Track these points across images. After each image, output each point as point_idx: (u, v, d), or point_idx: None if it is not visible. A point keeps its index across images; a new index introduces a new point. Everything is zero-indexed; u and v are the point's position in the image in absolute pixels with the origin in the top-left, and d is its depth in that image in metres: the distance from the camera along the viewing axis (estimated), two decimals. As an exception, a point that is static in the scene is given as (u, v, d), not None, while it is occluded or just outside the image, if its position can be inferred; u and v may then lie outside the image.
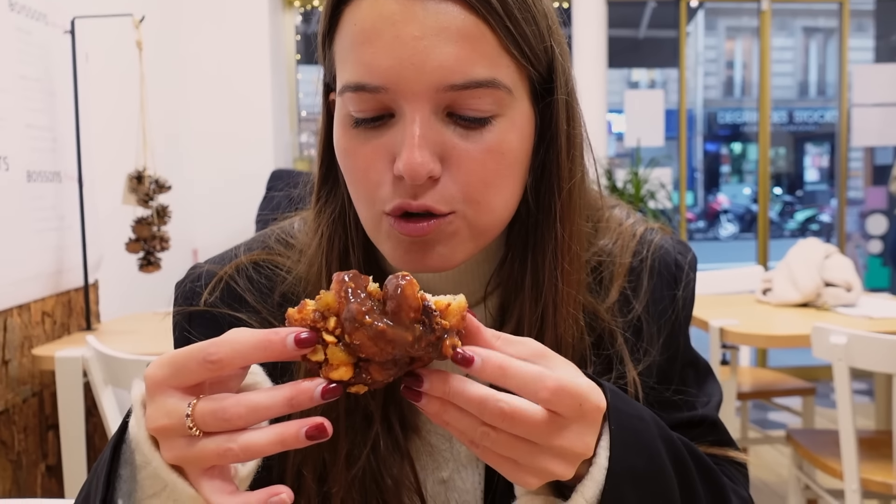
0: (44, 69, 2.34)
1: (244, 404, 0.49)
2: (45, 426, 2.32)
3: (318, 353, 0.50)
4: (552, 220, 0.67)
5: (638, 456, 0.57)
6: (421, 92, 0.58)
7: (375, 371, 0.50)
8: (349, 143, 0.63)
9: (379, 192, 0.62)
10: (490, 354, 0.51)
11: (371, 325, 0.48)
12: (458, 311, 0.50)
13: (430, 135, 0.59)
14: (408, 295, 0.49)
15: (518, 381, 0.51)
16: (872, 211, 5.06)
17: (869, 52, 8.87)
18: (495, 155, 0.61)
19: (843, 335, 1.93)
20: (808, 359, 4.77)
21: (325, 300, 0.50)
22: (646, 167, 4.37)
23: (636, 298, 0.74)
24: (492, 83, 0.59)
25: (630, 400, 0.61)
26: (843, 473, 2.00)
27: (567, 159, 0.67)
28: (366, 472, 0.67)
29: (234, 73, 3.91)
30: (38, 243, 2.29)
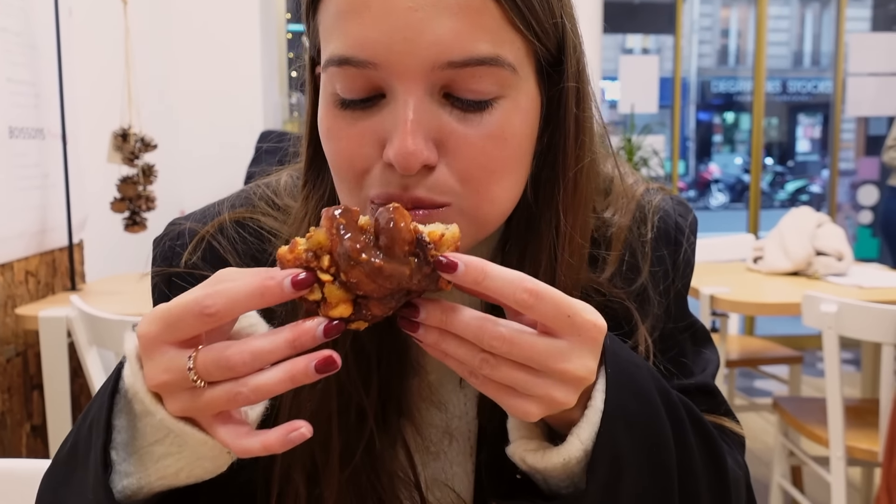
0: (25, 22, 2.27)
1: (247, 351, 0.47)
2: (30, 386, 2.30)
3: (315, 293, 0.48)
4: (553, 211, 0.62)
5: (633, 400, 0.56)
6: (414, 70, 0.53)
7: (374, 306, 0.48)
8: (334, 123, 0.57)
9: (365, 178, 0.57)
10: (471, 259, 0.48)
11: (367, 262, 0.46)
12: (452, 242, 0.49)
13: (424, 119, 0.54)
14: (401, 228, 0.47)
15: (497, 283, 0.48)
16: (864, 181, 5.06)
17: (865, 22, 8.82)
18: (497, 141, 0.56)
19: (834, 304, 1.93)
20: (795, 328, 4.80)
21: (317, 238, 0.48)
22: (639, 134, 4.34)
23: (639, 264, 0.71)
24: (495, 61, 0.53)
25: (627, 347, 0.59)
26: (829, 441, 2.02)
27: (575, 145, 0.61)
28: (360, 472, 0.64)
29: (223, 31, 3.83)
30: (21, 202, 2.24)
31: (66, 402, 2.04)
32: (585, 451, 0.55)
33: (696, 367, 0.76)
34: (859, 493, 2.65)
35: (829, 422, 2.00)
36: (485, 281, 0.48)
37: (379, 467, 0.65)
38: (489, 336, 0.48)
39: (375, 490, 0.65)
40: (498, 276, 0.48)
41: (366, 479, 0.64)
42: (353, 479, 0.64)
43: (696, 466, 0.61)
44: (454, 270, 0.48)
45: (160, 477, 0.55)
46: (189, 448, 0.53)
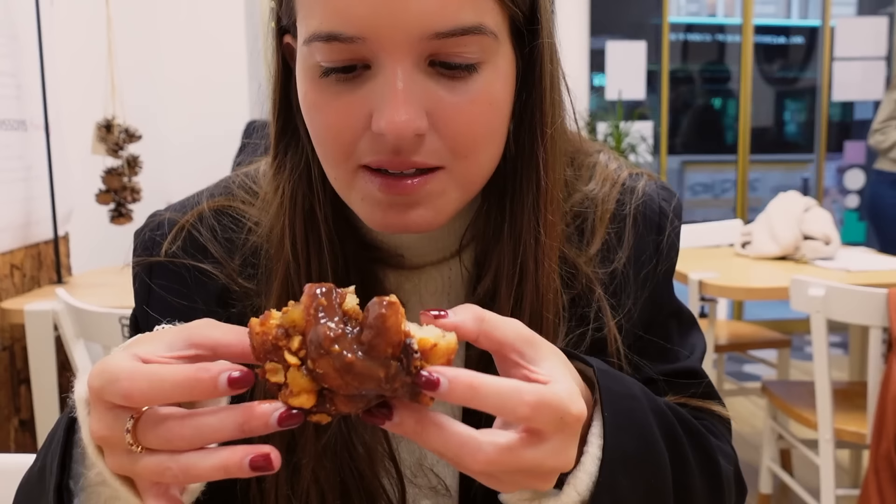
0: (5, 12, 2.24)
1: (189, 425, 0.44)
2: (17, 380, 2.28)
3: (277, 374, 0.43)
4: (534, 168, 0.63)
5: (631, 438, 0.55)
6: (402, 42, 0.53)
7: (341, 403, 0.43)
8: (318, 95, 0.57)
9: (354, 148, 0.57)
10: (458, 374, 0.44)
11: (338, 355, 0.41)
12: (445, 354, 0.44)
13: (414, 89, 0.55)
14: (389, 327, 0.42)
15: (493, 400, 0.45)
16: (851, 166, 5.08)
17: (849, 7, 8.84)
18: (483, 106, 0.57)
19: (822, 287, 1.93)
20: (782, 312, 4.83)
21: (292, 316, 0.43)
22: (627, 120, 4.33)
23: (619, 248, 0.71)
24: (479, 29, 0.55)
25: (620, 376, 0.58)
26: (818, 423, 2.03)
27: (550, 104, 0.63)
28: (337, 441, 0.64)
29: (208, 20, 3.79)
30: (4, 194, 2.22)
31: (53, 395, 2.03)
32: (583, 500, 0.53)
33: (683, 351, 0.76)
34: (848, 474, 2.67)
35: (817, 405, 2.01)
36: (476, 398, 0.45)
37: (355, 438, 0.65)
38: (470, 459, 0.46)
39: (353, 460, 0.65)
40: (493, 392, 0.45)
41: (343, 448, 0.64)
42: (329, 448, 0.64)
43: (693, 481, 0.61)
44: (436, 388, 0.44)
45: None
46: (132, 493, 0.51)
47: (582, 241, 0.70)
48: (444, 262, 0.70)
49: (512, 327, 0.49)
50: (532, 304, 0.64)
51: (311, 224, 0.65)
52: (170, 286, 0.70)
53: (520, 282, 0.64)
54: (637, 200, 0.73)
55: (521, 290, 0.64)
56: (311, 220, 0.65)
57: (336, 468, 0.64)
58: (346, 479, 0.65)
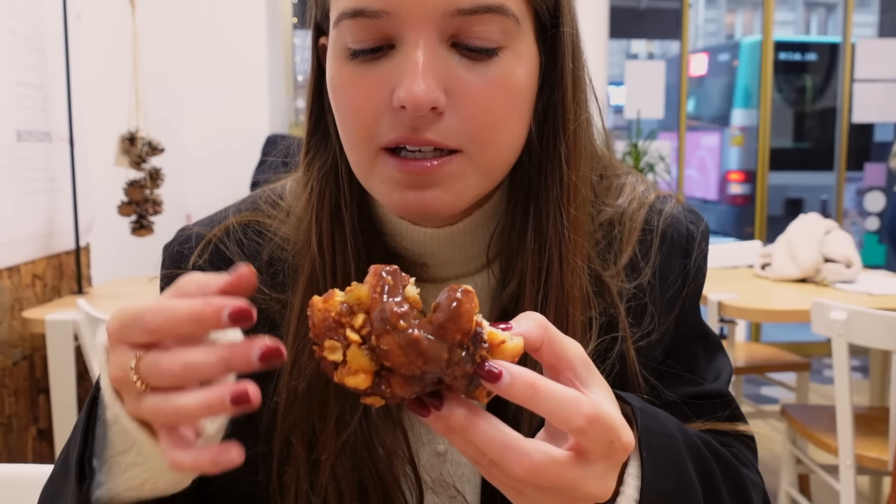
0: (34, 26, 2.28)
1: (178, 361, 0.45)
2: (36, 389, 2.29)
3: (336, 352, 0.43)
4: (557, 164, 0.63)
5: (668, 478, 0.54)
6: (426, 17, 0.55)
7: (397, 384, 0.43)
8: (345, 77, 0.59)
9: (375, 128, 0.59)
10: (521, 371, 0.44)
11: (405, 332, 0.41)
12: (511, 355, 0.44)
13: (434, 63, 0.56)
14: (462, 312, 0.42)
15: (550, 404, 0.45)
16: (871, 188, 5.04)
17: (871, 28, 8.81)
18: (502, 90, 0.58)
19: (843, 311, 1.91)
20: (801, 335, 4.78)
21: (357, 293, 0.44)
22: (645, 139, 4.33)
23: (644, 267, 0.71)
24: (500, 9, 0.56)
25: (657, 414, 0.58)
26: (838, 449, 2.00)
27: (573, 101, 0.64)
28: (357, 440, 0.65)
29: (230, 35, 3.84)
30: (28, 205, 2.24)
31: (72, 405, 2.04)
32: None
33: (709, 374, 0.75)
34: (867, 501, 2.63)
35: (838, 430, 1.98)
36: (534, 399, 0.44)
37: (376, 439, 0.65)
38: (513, 462, 0.45)
39: (373, 461, 0.65)
40: (551, 397, 0.45)
41: (363, 448, 0.64)
42: (349, 447, 0.64)
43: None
44: (497, 381, 0.43)
45: (127, 488, 0.54)
46: (152, 459, 0.52)
47: (608, 257, 0.70)
48: (470, 275, 0.70)
49: (573, 345, 0.49)
50: (557, 301, 0.64)
51: (337, 220, 0.66)
52: None
53: (546, 279, 0.64)
54: (665, 222, 0.73)
55: (547, 286, 0.64)
56: (336, 216, 0.66)
57: (355, 467, 0.65)
58: (364, 479, 0.65)
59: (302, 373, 0.65)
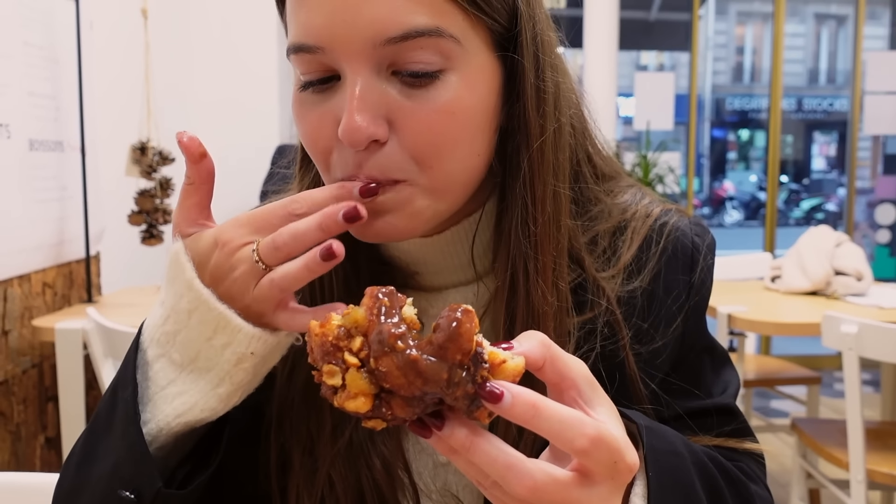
0: (47, 36, 2.30)
1: (287, 232, 0.54)
2: (45, 398, 2.30)
3: (335, 377, 0.43)
4: (520, 181, 0.61)
5: (675, 498, 0.54)
6: (357, 50, 0.54)
7: (398, 406, 0.43)
8: (299, 108, 0.60)
9: (330, 159, 0.59)
10: (522, 391, 0.43)
11: (403, 353, 0.41)
12: (512, 374, 0.43)
13: (370, 96, 0.55)
14: (462, 332, 0.41)
15: (553, 425, 0.44)
16: (882, 200, 5.01)
17: (881, 41, 8.79)
18: (445, 115, 0.56)
19: (854, 324, 1.90)
20: (811, 348, 4.75)
21: (354, 316, 0.43)
22: (654, 151, 4.32)
23: (645, 274, 0.70)
24: (434, 32, 0.54)
25: (663, 431, 0.57)
26: (850, 464, 1.98)
27: (536, 115, 0.61)
28: (354, 448, 0.65)
29: (241, 45, 3.86)
30: (39, 213, 2.26)
31: (80, 414, 2.04)
32: None
33: (716, 388, 0.75)
34: (879, 517, 2.60)
35: (849, 444, 1.97)
36: (536, 419, 0.44)
37: (372, 448, 0.65)
38: (516, 482, 0.44)
39: (370, 470, 0.65)
40: (553, 418, 0.44)
41: (360, 455, 0.65)
42: (346, 454, 0.65)
43: None
44: (499, 401, 0.43)
45: (178, 415, 0.57)
46: (203, 381, 0.57)
47: (609, 265, 0.69)
48: (465, 285, 0.70)
49: (577, 364, 0.48)
50: (523, 320, 0.62)
51: None
52: None
53: (510, 298, 0.62)
54: (670, 234, 0.72)
55: (514, 307, 0.62)
56: None
57: (352, 475, 0.65)
58: (362, 487, 0.65)
59: (297, 381, 0.66)
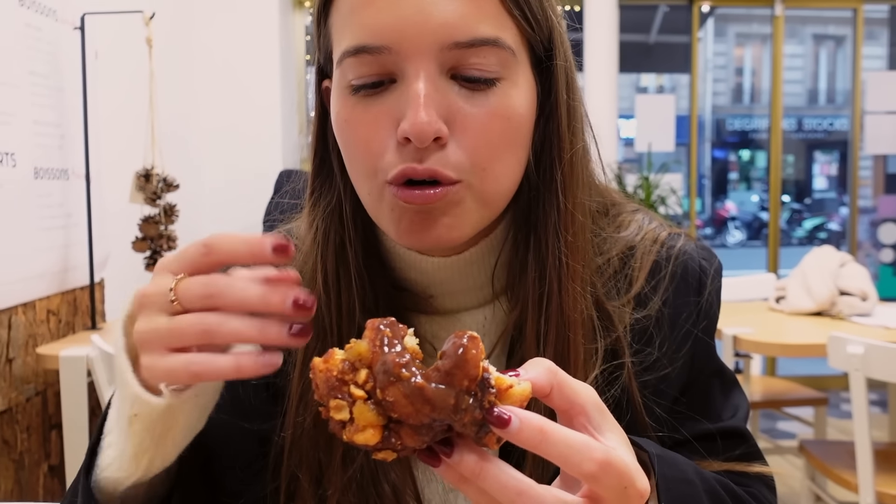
0: (53, 65, 2.32)
1: (223, 279, 0.49)
2: (49, 426, 2.29)
3: (342, 411, 0.43)
4: (554, 192, 0.65)
5: None
6: (425, 51, 0.57)
7: (407, 436, 0.43)
8: (350, 112, 0.61)
9: (381, 161, 0.60)
10: (530, 416, 0.43)
11: (409, 381, 0.41)
12: (519, 399, 0.43)
13: (435, 95, 0.57)
14: (468, 359, 0.42)
15: (561, 449, 0.44)
16: (884, 219, 5.01)
17: (880, 61, 8.85)
18: (501, 119, 0.60)
19: (861, 345, 1.89)
20: (817, 368, 4.72)
21: (357, 349, 0.44)
22: (656, 172, 4.33)
23: (654, 301, 0.70)
24: (496, 41, 0.58)
25: (674, 460, 0.57)
26: (859, 486, 1.96)
27: (567, 130, 0.65)
28: (363, 475, 0.65)
29: (244, 73, 3.89)
30: (44, 241, 2.26)
31: (84, 442, 2.03)
32: None
33: (726, 411, 0.75)
34: (890, 539, 2.57)
35: (857, 466, 1.95)
36: (544, 444, 0.44)
37: (382, 475, 0.65)
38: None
39: (378, 496, 0.65)
40: (561, 442, 0.44)
41: (369, 484, 0.65)
42: (356, 482, 0.65)
43: None
44: (506, 426, 0.43)
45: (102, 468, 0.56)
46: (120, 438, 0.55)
47: (619, 292, 0.70)
48: (479, 307, 0.71)
49: (585, 389, 0.48)
50: (557, 325, 0.64)
51: (342, 259, 0.67)
52: None
53: (546, 304, 0.64)
54: (677, 259, 0.73)
55: (548, 312, 0.64)
56: (341, 255, 0.67)
57: (361, 502, 0.65)
58: None
59: (308, 408, 0.65)
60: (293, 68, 4.21)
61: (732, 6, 7.63)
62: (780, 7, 4.67)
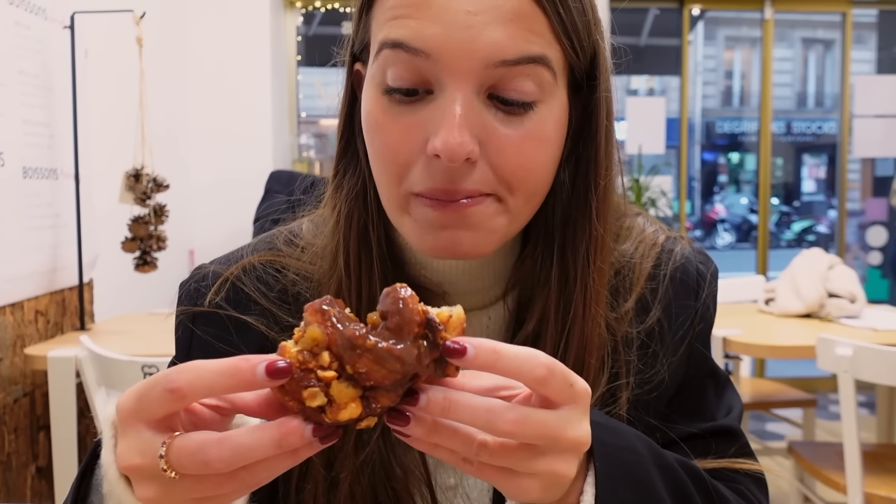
0: (42, 64, 2.31)
1: (228, 447, 0.43)
2: (37, 427, 2.28)
3: (317, 398, 0.43)
4: (588, 217, 0.65)
5: (628, 490, 0.55)
6: (468, 67, 0.56)
7: (383, 397, 0.45)
8: (380, 115, 0.60)
9: (408, 171, 0.60)
10: (481, 341, 0.46)
11: (374, 348, 0.43)
12: (458, 325, 0.47)
13: (471, 115, 0.57)
14: (411, 308, 0.45)
15: (514, 363, 0.47)
16: (872, 222, 5.04)
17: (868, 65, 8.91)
18: (535, 143, 0.59)
19: (849, 347, 1.90)
20: (805, 370, 4.75)
21: (312, 336, 0.44)
22: (646, 175, 4.34)
23: (653, 307, 0.72)
24: (543, 60, 0.58)
25: (621, 430, 0.58)
26: (847, 487, 1.98)
27: (605, 156, 0.65)
28: (375, 459, 0.65)
29: (235, 73, 3.88)
30: (32, 241, 2.25)
31: (72, 443, 2.02)
32: None
33: (720, 411, 0.76)
34: (877, 540, 2.59)
35: (846, 468, 1.96)
36: (499, 362, 0.47)
37: (392, 459, 0.65)
38: (500, 420, 0.47)
39: (389, 479, 0.65)
40: (513, 356, 0.47)
41: (380, 467, 0.65)
42: (367, 466, 0.65)
43: None
44: (464, 355, 0.46)
45: None
46: None
47: (617, 299, 0.71)
48: (486, 307, 0.71)
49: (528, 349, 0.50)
50: (577, 350, 0.65)
51: (364, 242, 0.67)
52: (213, 333, 0.71)
53: (569, 327, 0.65)
54: (675, 263, 0.74)
55: (569, 335, 0.65)
56: (364, 238, 0.67)
57: (372, 486, 0.65)
58: (381, 498, 0.65)
59: None
60: (284, 68, 4.21)
61: (722, 9, 7.67)
62: (770, 11, 4.70)
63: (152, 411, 0.46)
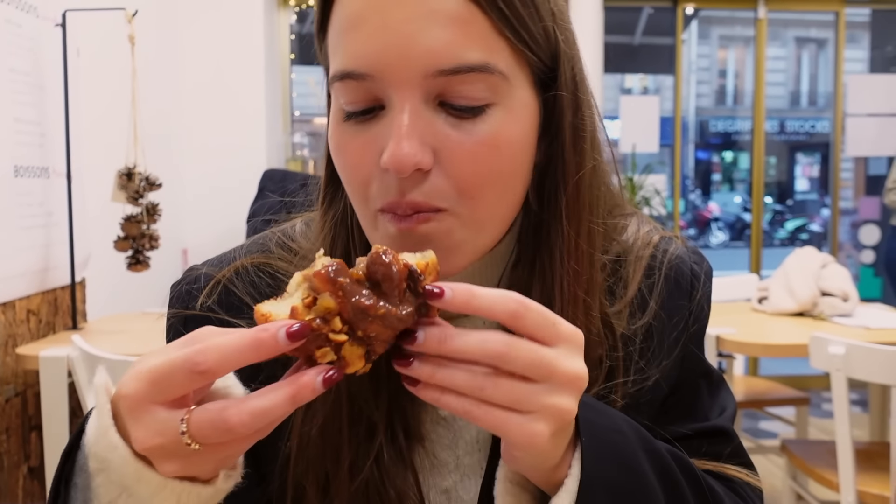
0: (33, 62, 2.30)
1: (246, 411, 0.46)
2: (28, 427, 2.27)
3: (328, 355, 0.48)
4: (558, 217, 0.63)
5: (614, 468, 0.55)
6: (409, 79, 0.55)
7: (380, 347, 0.49)
8: (340, 138, 0.60)
9: (370, 189, 0.59)
10: (456, 284, 0.49)
11: (385, 315, 0.47)
12: (434, 269, 0.50)
13: (419, 124, 0.56)
14: (398, 268, 0.48)
15: (486, 301, 0.49)
16: (865, 221, 5.06)
17: (861, 63, 8.94)
18: (490, 147, 0.57)
19: (842, 345, 1.91)
20: (799, 368, 4.76)
21: (324, 304, 0.47)
22: (640, 173, 4.35)
23: (648, 307, 0.71)
24: (484, 68, 0.55)
25: (609, 412, 0.59)
26: (840, 485, 1.98)
27: (573, 152, 0.62)
28: (369, 484, 0.64)
29: (228, 71, 3.87)
30: (24, 240, 2.24)
31: (64, 443, 2.00)
32: None
33: (713, 411, 0.76)
34: (870, 538, 2.60)
35: (839, 466, 1.97)
36: (474, 300, 0.49)
37: (388, 482, 0.65)
38: (493, 343, 0.49)
39: (382, 500, 0.65)
40: (486, 295, 0.49)
41: (374, 492, 0.64)
42: (362, 491, 0.64)
43: None
44: (442, 297, 0.48)
45: None
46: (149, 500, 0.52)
47: (613, 297, 0.71)
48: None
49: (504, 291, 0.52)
50: None
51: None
52: None
53: None
54: (669, 262, 0.73)
55: None
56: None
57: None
58: None
59: (315, 417, 0.64)
60: (278, 67, 4.19)
61: (716, 8, 7.68)
62: (763, 10, 4.71)
63: (174, 392, 0.47)
